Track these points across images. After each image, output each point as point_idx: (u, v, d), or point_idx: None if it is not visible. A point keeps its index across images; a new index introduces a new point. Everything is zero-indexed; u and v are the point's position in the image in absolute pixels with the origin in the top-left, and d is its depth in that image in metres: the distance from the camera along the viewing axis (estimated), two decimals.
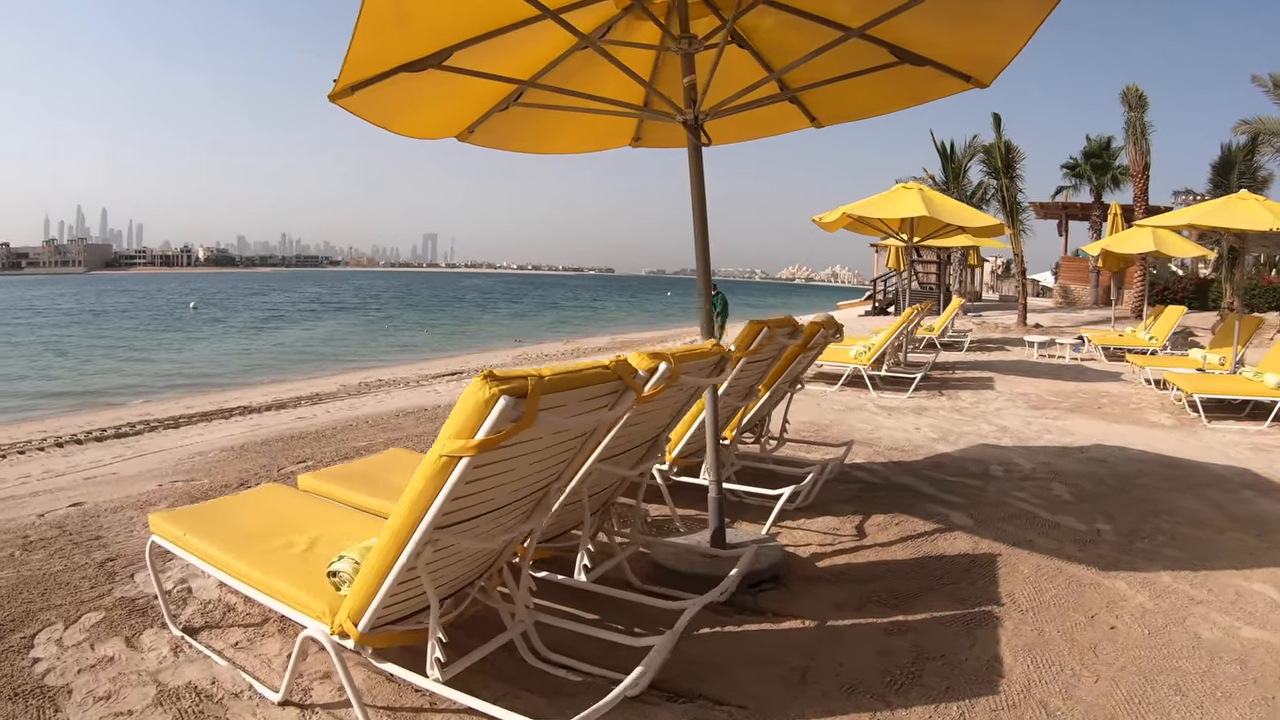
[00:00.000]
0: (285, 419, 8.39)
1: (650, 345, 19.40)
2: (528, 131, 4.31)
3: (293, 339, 27.28)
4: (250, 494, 3.30)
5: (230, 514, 2.96)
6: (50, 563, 3.52)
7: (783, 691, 2.56)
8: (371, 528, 2.76)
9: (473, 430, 1.89)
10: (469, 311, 46.56)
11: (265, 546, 2.64)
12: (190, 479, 5.04)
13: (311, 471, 3.55)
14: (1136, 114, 20.47)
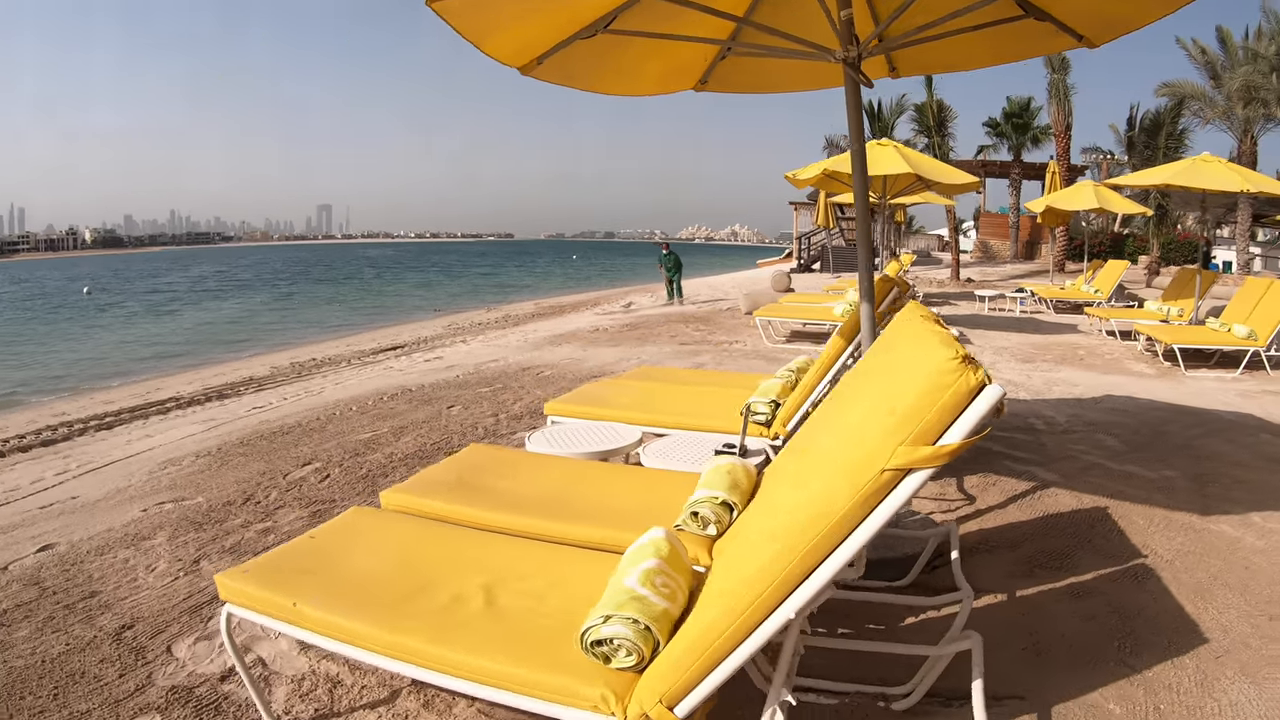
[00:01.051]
0: (238, 410, 7.52)
1: (580, 309, 19.23)
2: (598, 69, 3.76)
3: (200, 321, 25.33)
4: (338, 527, 2.44)
5: (331, 561, 2.17)
6: (46, 642, 2.64)
7: (1033, 673, 2.35)
8: (560, 558, 2.19)
9: (939, 431, 1.34)
10: (374, 284, 44.28)
11: (426, 607, 1.92)
12: (178, 498, 4.13)
13: (396, 487, 2.76)
14: (1059, 76, 20.96)
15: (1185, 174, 9.27)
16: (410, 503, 2.67)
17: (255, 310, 28.76)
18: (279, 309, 28.96)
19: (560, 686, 1.62)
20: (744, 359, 8.10)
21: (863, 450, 1.43)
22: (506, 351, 9.19)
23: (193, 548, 3.37)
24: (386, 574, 2.09)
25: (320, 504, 3.86)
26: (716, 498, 2.22)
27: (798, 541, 1.45)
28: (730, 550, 1.94)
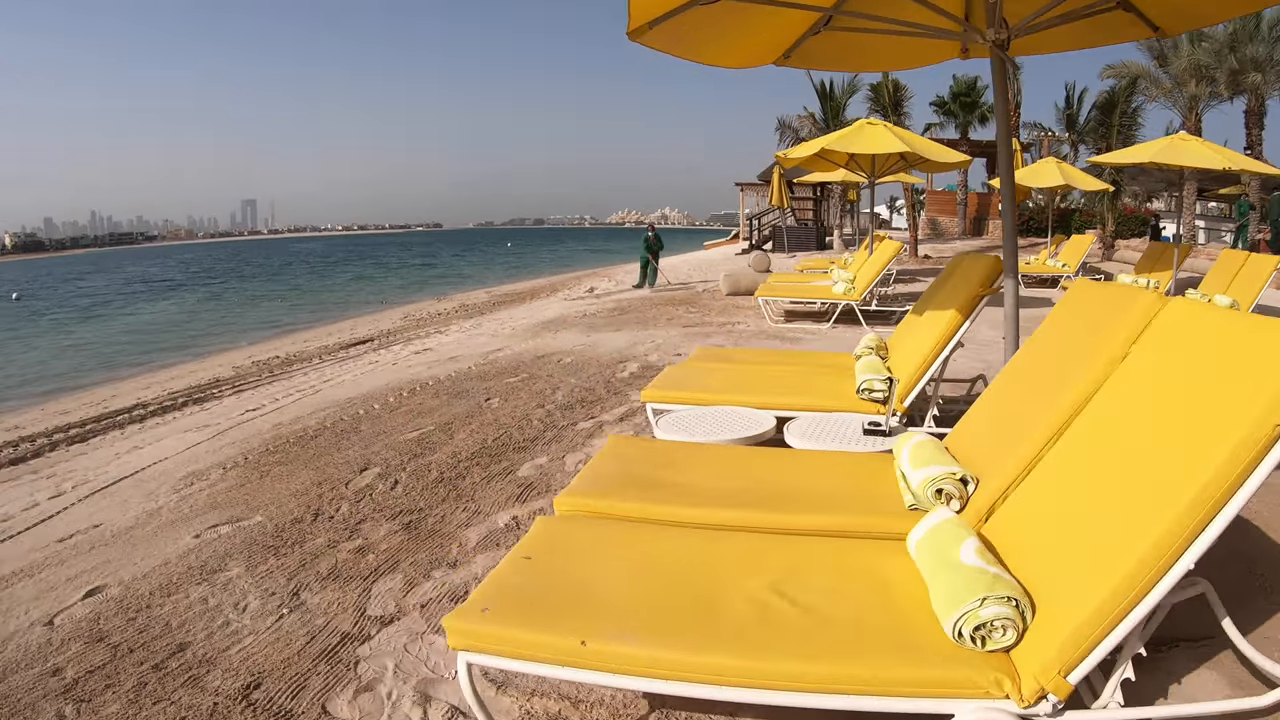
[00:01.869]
0: (230, 414, 7.07)
1: (539, 296, 18.86)
2: (700, 38, 3.78)
3: (140, 323, 23.99)
4: (546, 544, 2.07)
5: (573, 584, 1.84)
6: (144, 714, 2.14)
7: None
8: (826, 550, 2.06)
9: None
10: (310, 279, 42.57)
11: (723, 620, 1.71)
12: (232, 518, 3.62)
13: (568, 491, 2.44)
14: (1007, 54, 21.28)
15: (1167, 152, 9.61)
16: (593, 505, 2.38)
17: (194, 310, 27.47)
18: (218, 308, 27.77)
19: (941, 679, 1.53)
20: (757, 339, 7.89)
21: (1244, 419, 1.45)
22: (507, 340, 8.77)
23: (281, 577, 2.92)
24: (648, 590, 1.84)
25: (408, 514, 3.45)
26: (955, 474, 2.21)
27: (1187, 504, 1.45)
28: (1045, 522, 1.87)
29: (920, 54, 4.48)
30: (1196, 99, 20.48)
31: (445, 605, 2.62)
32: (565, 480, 3.83)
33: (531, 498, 3.60)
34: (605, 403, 5.29)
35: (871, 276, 9.05)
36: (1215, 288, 8.46)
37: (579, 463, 4.07)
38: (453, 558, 2.99)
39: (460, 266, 50.16)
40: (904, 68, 4.68)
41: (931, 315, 4.15)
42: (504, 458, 4.19)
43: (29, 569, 3.40)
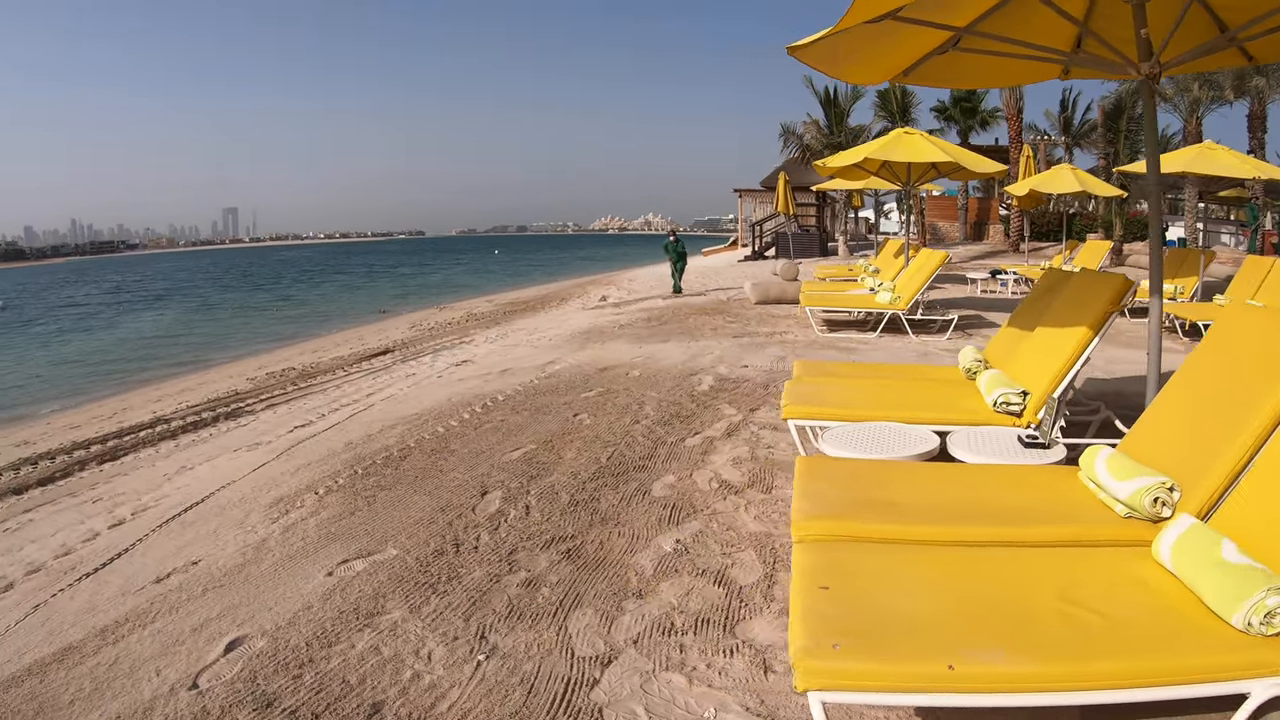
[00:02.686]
0: (278, 428, 6.90)
1: (552, 305, 18.67)
2: (847, 56, 4.02)
3: (135, 334, 23.51)
4: (832, 571, 2.03)
5: (889, 610, 1.86)
6: None
7: None
8: (1079, 560, 2.19)
9: None
10: (300, 288, 41.70)
11: (1040, 628, 1.81)
12: (361, 551, 3.36)
13: (807, 514, 2.36)
14: None
15: (1198, 161, 9.83)
16: (840, 529, 2.36)
17: (187, 320, 27.01)
18: (211, 318, 27.34)
19: (1237, 663, 1.68)
20: (812, 350, 7.80)
21: None
22: (552, 352, 8.58)
23: (455, 618, 2.72)
24: (961, 608, 1.89)
25: (561, 541, 3.29)
26: (1164, 483, 2.36)
27: None
28: None
29: (1025, 73, 4.65)
30: (1198, 102, 20.71)
31: (659, 639, 2.48)
32: (706, 500, 3.69)
33: (683, 520, 3.46)
34: (700, 418, 5.16)
35: (918, 287, 8.98)
36: (1243, 293, 8.52)
37: (710, 481, 3.95)
38: (635, 587, 2.85)
39: (455, 275, 49.66)
40: (1009, 85, 4.86)
41: (1054, 331, 4.12)
42: (628, 477, 4.05)
43: (135, 617, 3.04)
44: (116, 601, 3.26)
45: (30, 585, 3.68)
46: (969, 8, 3.69)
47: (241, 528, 4.01)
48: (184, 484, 5.31)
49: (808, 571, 2.03)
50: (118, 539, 4.19)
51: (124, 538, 4.18)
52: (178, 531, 4.14)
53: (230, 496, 4.67)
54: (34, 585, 3.66)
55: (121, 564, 3.76)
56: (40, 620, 3.20)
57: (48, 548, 4.29)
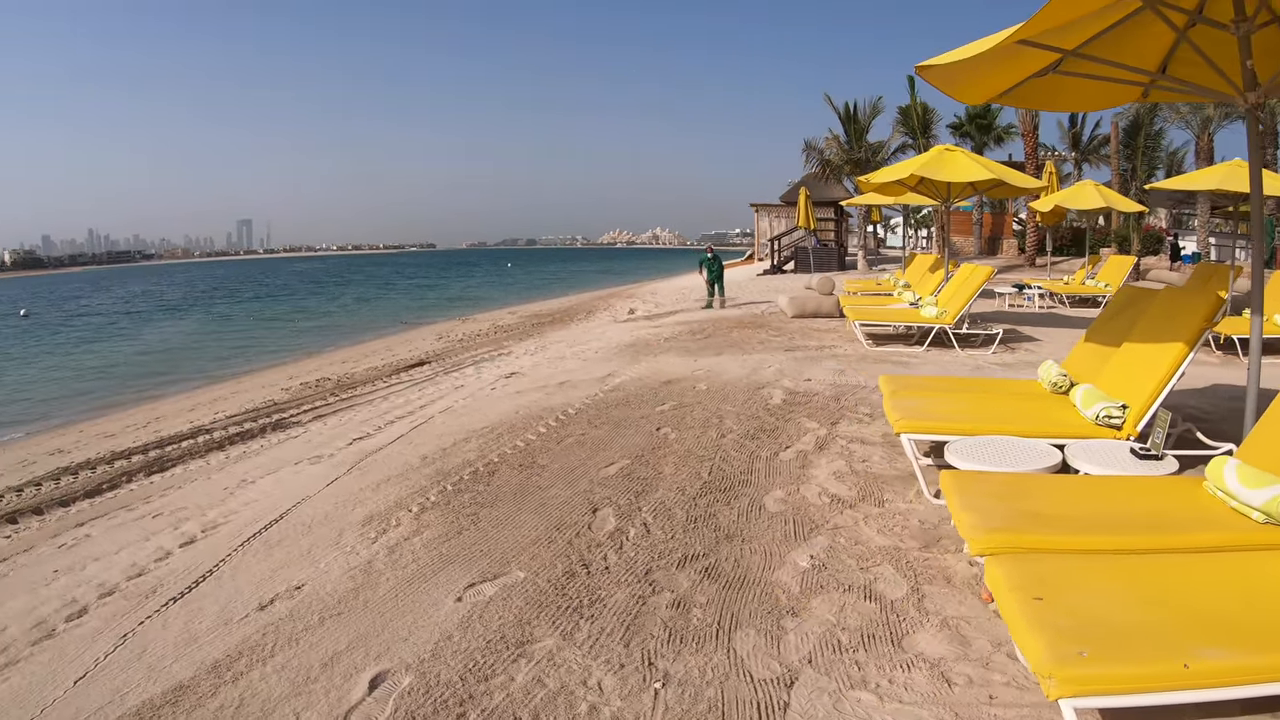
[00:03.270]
0: (335, 440, 6.90)
1: (579, 317, 18.68)
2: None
3: (157, 342, 23.45)
4: (1044, 583, 2.11)
5: (1111, 615, 1.98)
6: None
7: None
8: (1250, 561, 2.38)
9: None
10: (316, 301, 40.88)
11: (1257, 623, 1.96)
12: (485, 575, 3.29)
13: (982, 529, 2.47)
14: None
15: (1231, 179, 9.82)
16: (1023, 541, 2.48)
17: (208, 330, 26.93)
18: (232, 328, 27.25)
19: None
20: (865, 363, 7.81)
21: None
22: (604, 365, 8.57)
23: (614, 644, 2.66)
24: (1166, 611, 2.02)
25: (693, 559, 3.30)
26: None
27: None
28: None
29: (1108, 96, 4.74)
30: (1209, 120, 20.79)
31: (832, 657, 2.49)
32: (822, 515, 3.71)
33: (809, 535, 3.49)
34: (784, 431, 5.20)
35: (964, 302, 9.02)
36: (1275, 307, 8.68)
37: (819, 495, 3.99)
38: (787, 605, 2.86)
39: (472, 287, 49.35)
40: (1094, 109, 5.05)
41: (1147, 346, 4.22)
42: (736, 492, 4.07)
43: (249, 651, 2.87)
44: (219, 632, 3.09)
45: (107, 610, 3.49)
46: (1080, 32, 3.78)
47: (338, 548, 3.86)
48: (250, 499, 5.20)
49: (1014, 585, 2.10)
50: (195, 559, 4.03)
51: (202, 557, 4.03)
52: (264, 552, 3.99)
53: (311, 513, 4.54)
54: (112, 610, 3.48)
55: (209, 588, 3.59)
56: (134, 653, 3.00)
57: (115, 567, 4.10)
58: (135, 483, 6.76)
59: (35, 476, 7.76)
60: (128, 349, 22.21)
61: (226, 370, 16.71)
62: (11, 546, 5.26)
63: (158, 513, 5.28)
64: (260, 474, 6.04)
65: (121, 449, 8.63)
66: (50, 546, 4.98)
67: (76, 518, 5.76)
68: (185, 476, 6.67)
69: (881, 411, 5.59)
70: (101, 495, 6.49)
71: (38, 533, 5.52)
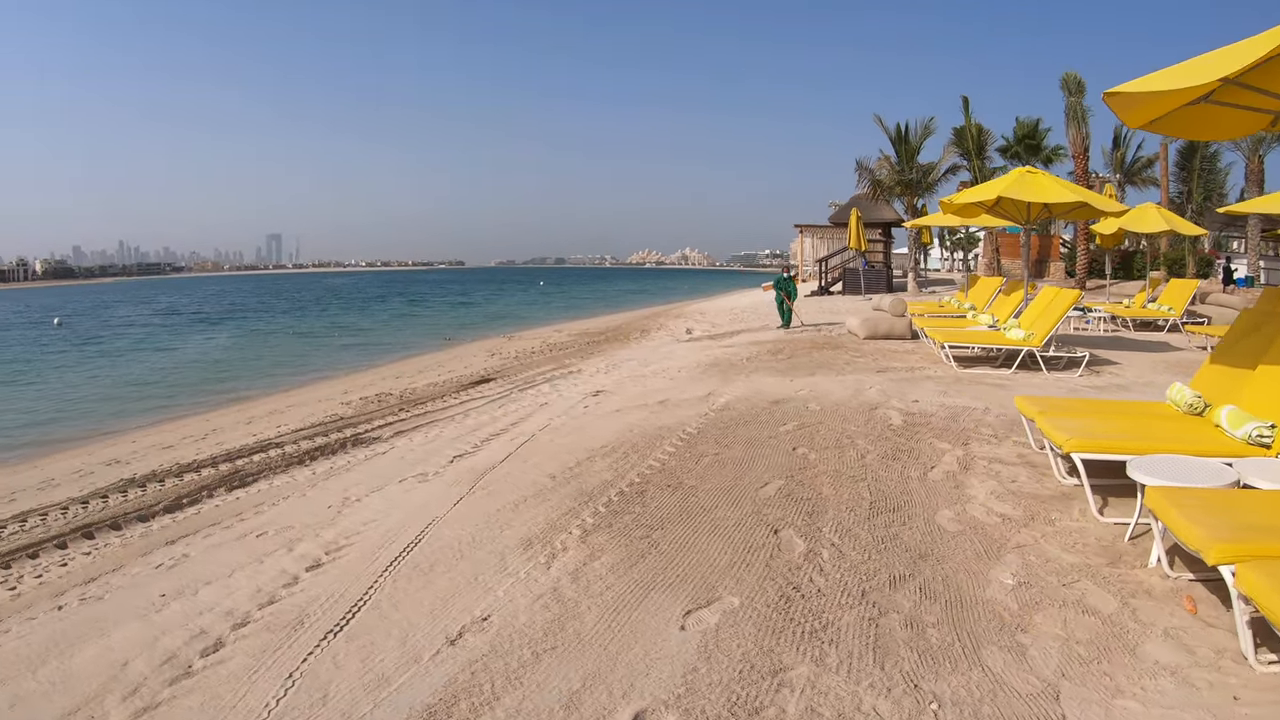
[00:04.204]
0: (431, 457, 6.82)
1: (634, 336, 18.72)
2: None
3: (196, 355, 23.74)
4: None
5: None
6: None
7: None
8: None
9: None
10: (353, 316, 41.31)
11: None
12: (703, 603, 3.19)
13: (1230, 542, 2.59)
14: (1076, 99, 21.62)
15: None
16: (1258, 549, 2.58)
17: (251, 343, 27.08)
18: (274, 342, 27.40)
19: None
20: (964, 385, 7.88)
21: None
22: (702, 384, 8.59)
23: (869, 667, 2.67)
24: None
25: (902, 580, 3.39)
26: None
27: None
28: None
29: (1242, 125, 4.77)
30: (1261, 141, 20.63)
31: (1080, 669, 2.62)
32: (1001, 533, 3.83)
33: (1000, 554, 3.60)
34: (921, 453, 5.29)
35: (1052, 324, 9.03)
36: None
37: (988, 514, 4.10)
38: (1014, 622, 2.98)
39: (507, 305, 49.61)
40: (1227, 137, 5.09)
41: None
42: (906, 512, 4.18)
43: (464, 693, 2.68)
44: (412, 670, 2.87)
45: (250, 644, 3.24)
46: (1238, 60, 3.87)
47: (509, 574, 3.69)
48: (367, 518, 4.99)
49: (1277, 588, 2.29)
50: (334, 585, 3.81)
51: (341, 583, 3.82)
52: (419, 578, 3.76)
53: (453, 536, 4.34)
54: (256, 644, 3.22)
55: (371, 619, 3.35)
56: (314, 696, 2.78)
57: (236, 592, 3.88)
58: (217, 498, 6.61)
59: (99, 488, 7.72)
60: (168, 360, 22.37)
61: (273, 384, 16.77)
62: (96, 564, 5.08)
63: (260, 531, 5.09)
64: (363, 491, 5.88)
65: (187, 461, 8.53)
66: (143, 566, 4.76)
67: (163, 534, 5.59)
68: (274, 492, 6.52)
69: (1005, 433, 5.66)
70: (182, 510, 6.35)
71: (122, 550, 5.35)
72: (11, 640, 3.77)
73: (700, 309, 26.71)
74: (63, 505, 7.13)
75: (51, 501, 7.37)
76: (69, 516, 6.77)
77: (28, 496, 7.83)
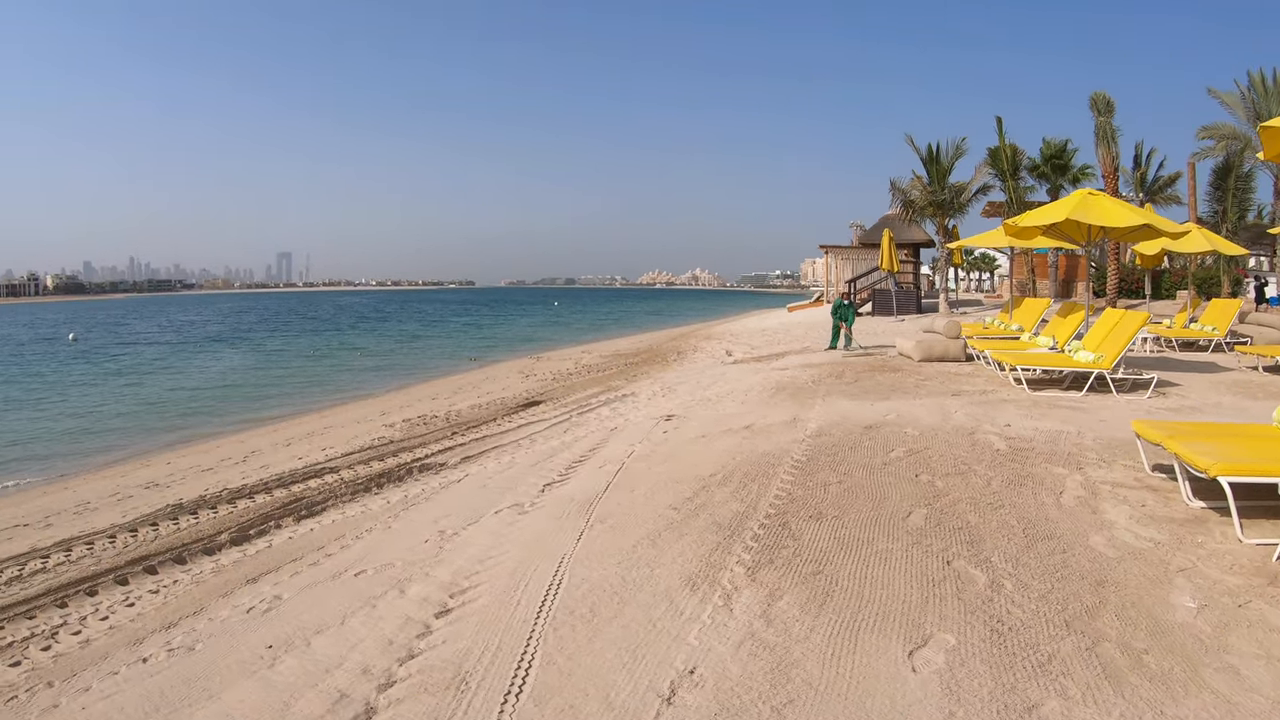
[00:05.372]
0: (518, 485, 6.61)
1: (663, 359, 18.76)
2: None
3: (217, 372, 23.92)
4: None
5: None
6: None
7: None
8: None
9: None
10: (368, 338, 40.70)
11: None
12: (923, 641, 3.14)
13: None
14: (1105, 119, 21.76)
15: None
16: None
17: (273, 362, 27.10)
18: (294, 361, 27.49)
19: None
20: (1041, 408, 7.93)
21: None
22: (782, 409, 8.54)
23: (1111, 695, 2.71)
24: None
25: (1094, 609, 3.43)
26: None
27: None
28: None
29: None
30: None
31: None
32: (1160, 556, 3.90)
33: (1168, 576, 3.69)
34: (1042, 479, 5.33)
35: (1121, 346, 9.11)
36: None
37: (1135, 538, 4.19)
38: (1213, 643, 3.06)
39: (525, 325, 49.51)
40: None
41: None
42: (1057, 541, 4.21)
43: None
44: None
45: (413, 710, 2.92)
46: None
47: (687, 618, 3.44)
48: (479, 555, 4.70)
49: None
50: (477, 635, 3.49)
51: (486, 633, 3.50)
52: (582, 626, 3.47)
53: (598, 576, 4.05)
54: (420, 711, 2.90)
55: (549, 676, 3.07)
56: None
57: (361, 644, 3.52)
58: (286, 529, 6.35)
59: (144, 514, 7.48)
60: (189, 379, 22.34)
61: (303, 405, 16.65)
62: (171, 606, 4.78)
63: (357, 569, 4.75)
64: (458, 523, 5.57)
65: (236, 486, 8.38)
66: (229, 609, 4.44)
67: (238, 571, 5.31)
68: (351, 523, 6.22)
69: (1111, 456, 5.82)
70: (250, 542, 6.10)
71: (196, 589, 5.07)
72: (98, 701, 3.40)
73: (728, 330, 26.82)
74: (109, 533, 6.90)
75: (94, 529, 7.16)
76: (119, 546, 6.50)
77: (65, 522, 7.58)
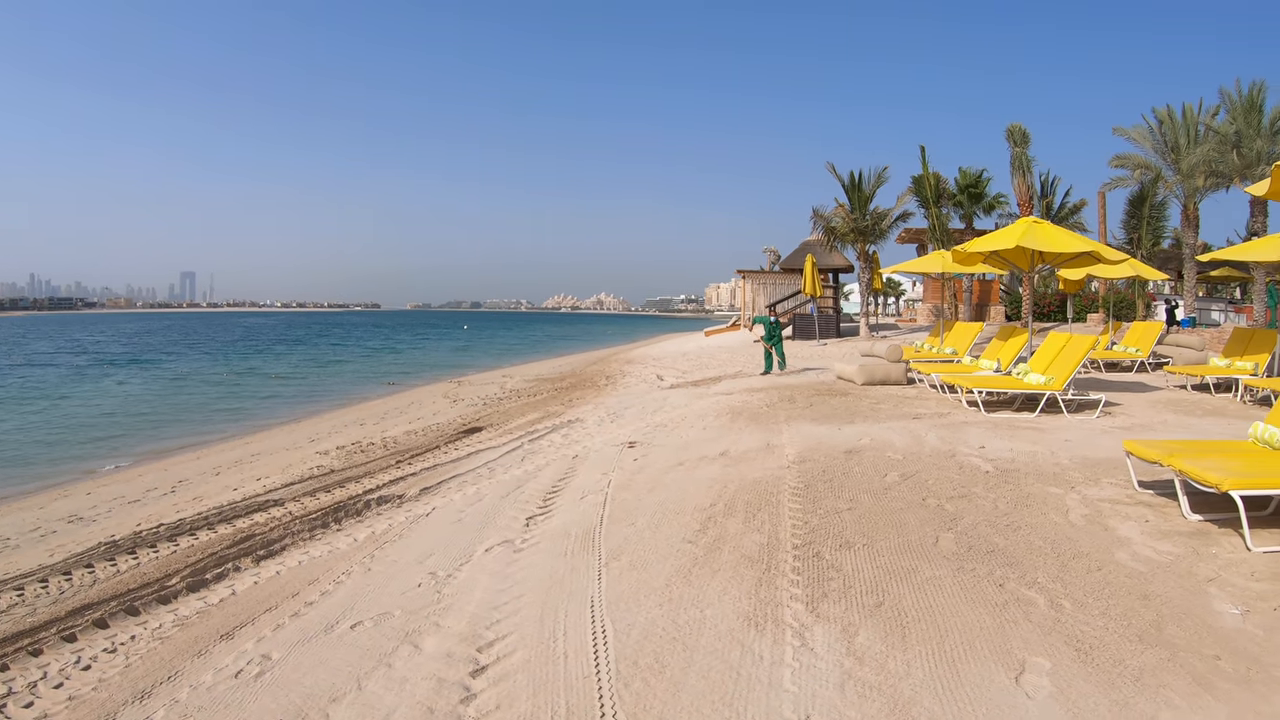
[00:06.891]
0: (494, 517, 6.25)
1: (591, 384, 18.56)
2: None
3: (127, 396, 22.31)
4: None
5: None
6: None
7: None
8: None
9: None
10: (276, 362, 38.42)
11: None
12: (1012, 667, 3.16)
13: None
14: (1021, 149, 22.86)
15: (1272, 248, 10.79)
16: None
17: (186, 386, 25.59)
18: (208, 384, 26.08)
19: None
20: (1003, 430, 8.12)
21: None
22: (751, 436, 8.39)
23: (1250, 714, 2.78)
24: None
25: (1157, 624, 3.45)
26: None
27: None
28: None
29: None
30: (1196, 190, 22.20)
31: None
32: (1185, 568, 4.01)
33: (1203, 587, 3.81)
34: (1040, 499, 5.38)
35: (1072, 368, 9.43)
36: None
37: (1155, 552, 4.28)
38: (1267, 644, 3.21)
39: (438, 350, 48.61)
40: None
41: None
42: (1086, 559, 4.26)
43: None
44: None
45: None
46: None
47: (768, 662, 3.25)
48: (485, 600, 4.35)
49: None
50: (535, 697, 3.18)
51: (541, 695, 3.19)
52: (655, 679, 3.20)
53: (646, 620, 3.75)
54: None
55: None
56: None
57: (396, 715, 3.14)
58: (248, 572, 5.66)
59: (75, 554, 6.64)
60: (99, 404, 20.85)
61: (224, 430, 15.85)
62: (137, 670, 4.00)
63: (352, 621, 4.26)
64: (448, 564, 5.15)
65: (172, 521, 7.65)
66: (212, 674, 3.80)
67: (206, 624, 4.58)
68: (319, 565, 5.61)
69: (1093, 475, 5.94)
70: (208, 588, 5.35)
71: (162, 646, 4.35)
72: None
73: (648, 354, 26.78)
74: (40, 576, 6.08)
75: (20, 570, 6.33)
76: (54, 593, 5.68)
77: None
